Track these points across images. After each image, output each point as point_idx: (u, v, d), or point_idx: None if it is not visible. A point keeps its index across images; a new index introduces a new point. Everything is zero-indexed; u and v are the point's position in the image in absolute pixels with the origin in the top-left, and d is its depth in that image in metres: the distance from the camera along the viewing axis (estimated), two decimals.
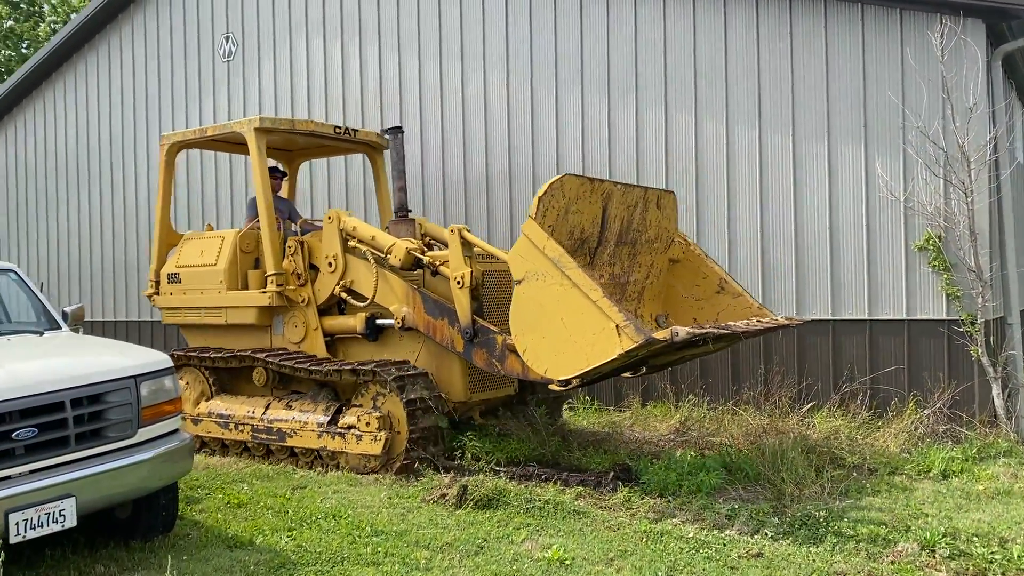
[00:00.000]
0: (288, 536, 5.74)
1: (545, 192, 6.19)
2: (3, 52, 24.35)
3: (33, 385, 4.86)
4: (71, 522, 4.84)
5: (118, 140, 14.62)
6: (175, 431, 5.58)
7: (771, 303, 8.98)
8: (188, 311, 8.74)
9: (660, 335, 5.70)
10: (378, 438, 7.13)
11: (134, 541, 5.69)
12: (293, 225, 8.72)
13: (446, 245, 7.54)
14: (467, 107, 10.81)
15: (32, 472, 4.79)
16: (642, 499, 6.24)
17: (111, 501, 5.15)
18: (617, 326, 5.72)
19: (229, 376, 8.58)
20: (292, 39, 12.47)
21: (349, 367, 7.52)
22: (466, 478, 6.45)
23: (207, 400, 8.43)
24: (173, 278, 8.82)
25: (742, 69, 9.12)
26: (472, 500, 6.10)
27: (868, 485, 6.41)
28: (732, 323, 6.61)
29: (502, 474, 7.04)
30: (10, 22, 24.27)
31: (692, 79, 9.39)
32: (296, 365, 7.78)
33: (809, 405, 8.44)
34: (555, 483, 6.71)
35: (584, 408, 9.91)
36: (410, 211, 8.51)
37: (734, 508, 5.90)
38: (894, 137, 8.39)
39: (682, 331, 5.73)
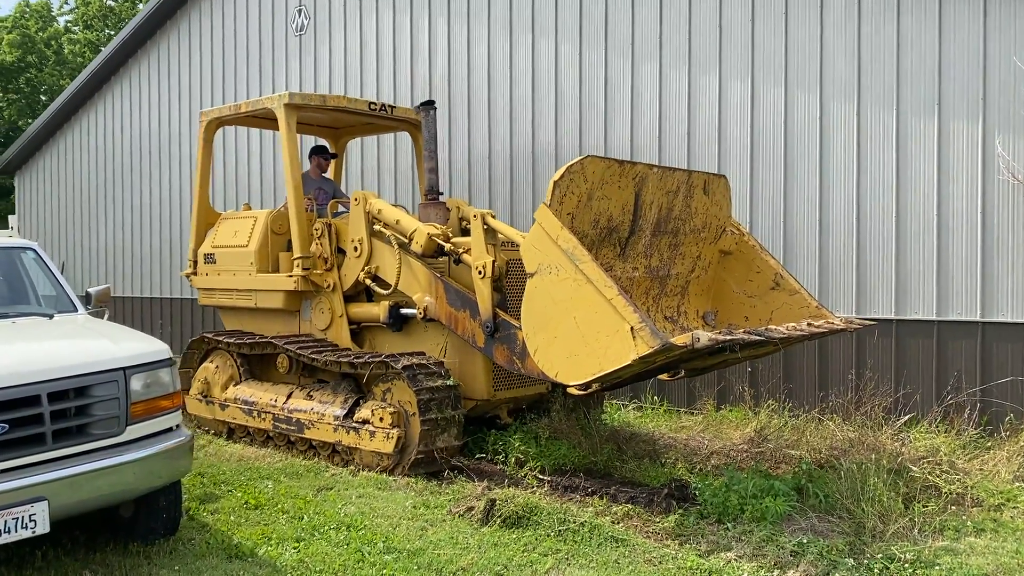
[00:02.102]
0: (294, 548, 5.21)
1: (562, 176, 5.46)
2: (104, 32, 24.94)
3: (5, 376, 4.43)
4: (43, 528, 4.40)
5: (196, 117, 14.52)
6: (172, 429, 5.10)
7: (866, 300, 7.95)
8: (222, 293, 8.43)
9: (679, 340, 4.92)
10: (390, 436, 6.58)
11: (134, 544, 5.28)
12: (340, 206, 8.22)
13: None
14: (536, 82, 10.07)
15: (1, 472, 4.37)
16: (696, 524, 5.43)
17: (92, 505, 4.69)
18: (632, 328, 4.97)
19: (259, 362, 8.18)
20: (363, 11, 11.98)
21: (347, 358, 7.05)
22: (496, 491, 5.78)
23: (235, 385, 8.05)
24: (209, 258, 8.50)
25: (839, 32, 8.06)
26: (500, 517, 5.42)
27: (969, 521, 5.41)
28: (772, 327, 5.72)
29: (545, 483, 6.36)
30: (111, 2, 24.87)
31: (783, 47, 8.38)
32: (299, 351, 7.38)
33: (906, 417, 7.38)
34: (601, 498, 5.97)
35: (652, 409, 9.09)
36: (441, 193, 7.87)
37: (802, 543, 5.03)
38: (1019, 110, 7.20)
39: (703, 336, 4.93)
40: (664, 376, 6.85)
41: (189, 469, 5.25)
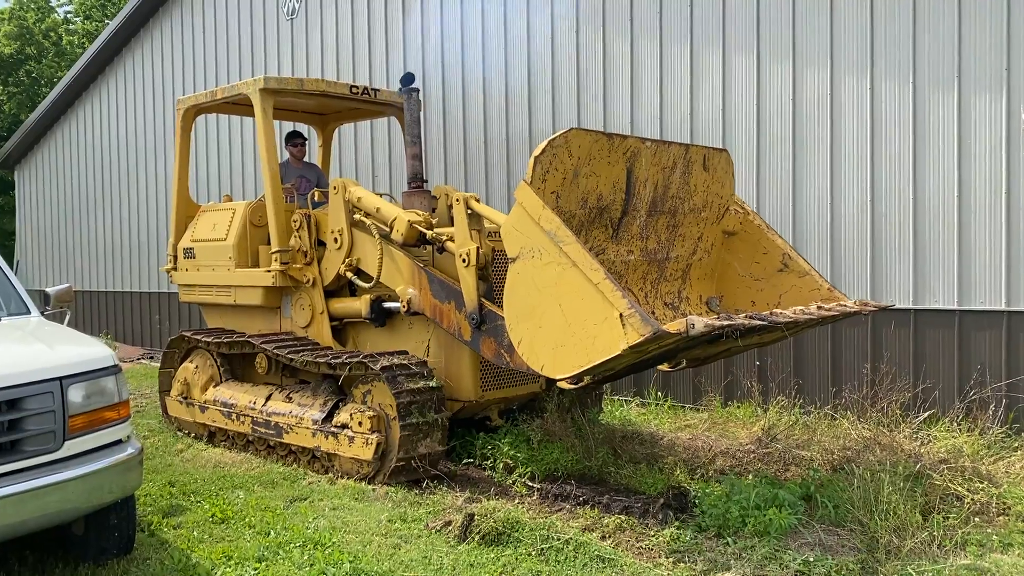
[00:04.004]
0: (254, 569, 4.80)
1: (543, 151, 5.00)
2: (103, 22, 24.61)
3: None
4: None
5: None
6: (119, 442, 4.69)
7: (881, 289, 7.43)
8: (201, 289, 8.02)
9: (672, 328, 4.48)
10: (369, 441, 6.16)
11: (85, 564, 4.89)
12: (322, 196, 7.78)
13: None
14: (532, 61, 9.57)
15: None
16: (693, 539, 4.97)
17: (27, 528, 4.29)
18: (621, 315, 4.53)
19: (240, 361, 7.79)
20: None
21: (325, 358, 6.63)
22: (476, 504, 5.34)
23: (215, 386, 7.66)
24: (188, 253, 8.10)
25: (851, 4, 7.51)
26: (479, 533, 4.99)
27: (995, 535, 4.91)
28: (776, 311, 5.24)
29: (534, 492, 5.93)
30: None
31: (790, 20, 7.84)
32: (276, 351, 6.98)
33: (925, 415, 6.89)
34: (593, 508, 5.54)
35: (656, 405, 8.62)
36: (426, 181, 7.42)
37: (808, 561, 4.56)
38: None
39: (699, 323, 4.48)
40: (664, 367, 6.38)
41: (139, 484, 4.84)
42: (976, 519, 5.08)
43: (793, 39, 7.83)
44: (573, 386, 5.72)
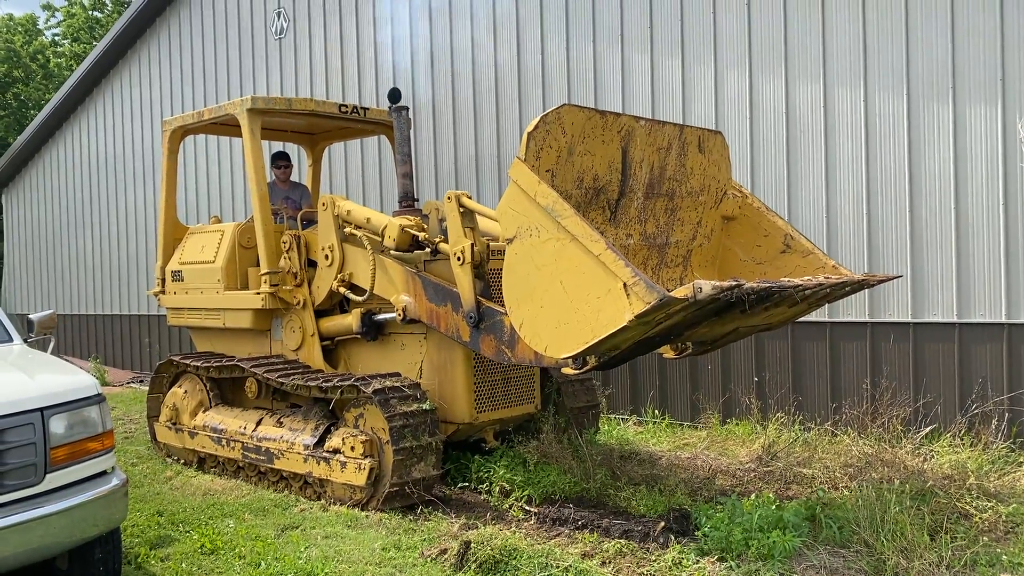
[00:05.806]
0: None
1: (536, 127, 4.87)
2: (91, 44, 24.55)
3: None
4: None
5: None
6: (104, 473, 4.55)
7: (880, 302, 7.34)
8: (190, 312, 7.88)
9: (680, 293, 4.33)
10: (362, 466, 6.01)
11: None
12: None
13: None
14: (523, 76, 9.51)
15: None
16: (696, 563, 4.84)
17: (5, 565, 4.12)
18: (625, 284, 4.39)
19: (231, 386, 7.65)
20: (342, 12, 11.46)
21: (315, 381, 6.51)
22: (472, 531, 5.20)
23: (204, 411, 7.51)
24: (176, 276, 7.96)
25: (843, 16, 7.46)
26: (475, 561, 4.85)
27: (1004, 554, 4.80)
28: (786, 279, 5.10)
29: (532, 516, 5.80)
30: (96, 13, 24.44)
31: (782, 33, 7.79)
32: (266, 375, 6.87)
33: (927, 430, 6.79)
34: (592, 532, 5.40)
35: (654, 424, 8.50)
36: (417, 200, 7.31)
37: None
38: None
39: (707, 286, 4.31)
40: (669, 354, 6.18)
41: (124, 516, 4.69)
42: (984, 538, 4.97)
43: (785, 52, 7.77)
44: (577, 371, 5.49)
